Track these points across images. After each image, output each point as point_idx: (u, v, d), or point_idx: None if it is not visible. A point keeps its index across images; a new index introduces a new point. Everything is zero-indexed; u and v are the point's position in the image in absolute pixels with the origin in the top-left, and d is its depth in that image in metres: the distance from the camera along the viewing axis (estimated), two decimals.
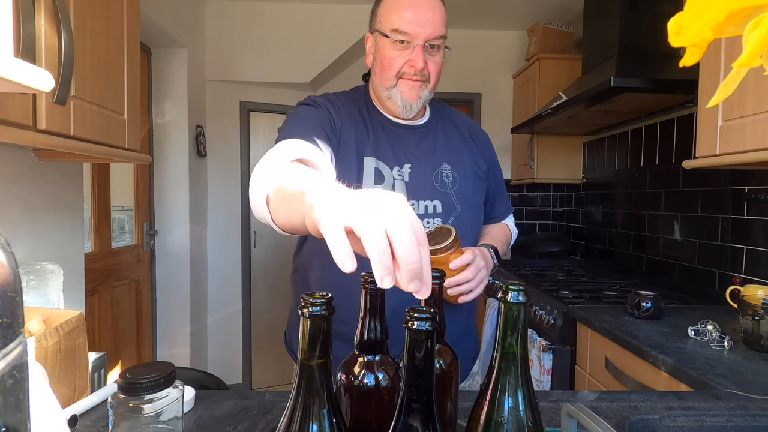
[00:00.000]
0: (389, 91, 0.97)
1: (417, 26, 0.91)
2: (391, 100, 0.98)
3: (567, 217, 3.25)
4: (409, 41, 0.93)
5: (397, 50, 0.94)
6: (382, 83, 0.98)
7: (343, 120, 0.98)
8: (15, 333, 0.22)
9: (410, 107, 0.98)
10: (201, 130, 2.92)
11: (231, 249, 3.15)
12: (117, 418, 0.43)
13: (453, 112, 1.14)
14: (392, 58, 0.95)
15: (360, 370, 0.52)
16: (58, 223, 1.38)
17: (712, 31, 0.29)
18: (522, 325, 0.41)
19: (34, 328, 0.72)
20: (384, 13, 0.96)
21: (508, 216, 1.24)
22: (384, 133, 1.01)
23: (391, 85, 0.97)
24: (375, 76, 1.00)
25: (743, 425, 0.67)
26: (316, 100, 1.00)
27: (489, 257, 0.99)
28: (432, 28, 0.92)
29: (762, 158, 1.14)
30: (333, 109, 0.98)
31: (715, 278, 1.82)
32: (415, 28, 0.92)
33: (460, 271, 0.87)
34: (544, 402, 0.79)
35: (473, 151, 1.09)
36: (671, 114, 2.09)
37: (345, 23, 2.99)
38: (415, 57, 0.93)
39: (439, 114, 1.10)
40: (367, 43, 1.02)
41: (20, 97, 0.80)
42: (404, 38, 0.93)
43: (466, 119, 1.17)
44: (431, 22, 0.92)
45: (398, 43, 0.93)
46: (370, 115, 1.03)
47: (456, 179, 1.02)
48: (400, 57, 0.94)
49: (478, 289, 0.91)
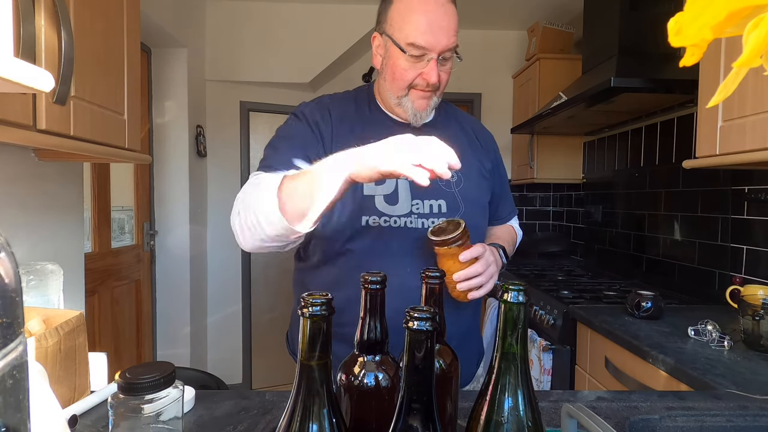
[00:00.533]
0: (399, 99, 0.97)
1: (432, 38, 0.88)
2: (401, 107, 0.98)
3: (567, 217, 3.25)
4: (423, 54, 0.90)
5: (410, 62, 0.91)
6: (393, 91, 0.96)
7: (334, 124, 0.97)
8: (15, 333, 0.22)
9: (421, 116, 0.98)
10: (201, 130, 2.92)
11: (231, 249, 3.15)
12: (117, 418, 0.43)
13: (458, 112, 1.14)
14: (405, 69, 0.92)
15: (360, 370, 0.52)
16: (58, 223, 1.38)
17: (712, 31, 0.29)
18: (522, 325, 0.41)
19: (34, 328, 0.72)
20: (396, 18, 0.92)
21: (513, 218, 1.24)
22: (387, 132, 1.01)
23: (403, 95, 0.96)
24: (385, 83, 0.98)
25: (743, 425, 0.67)
26: (305, 111, 0.99)
27: (498, 255, 0.99)
28: (447, 39, 0.89)
29: (762, 158, 1.14)
30: (321, 118, 0.97)
31: (715, 278, 1.82)
32: (430, 40, 0.88)
33: (470, 265, 0.87)
34: (544, 402, 0.79)
35: (478, 151, 1.08)
36: (671, 114, 2.09)
37: (345, 23, 2.99)
38: (429, 71, 0.91)
39: (444, 113, 1.09)
40: (373, 41, 0.99)
41: (20, 97, 0.80)
42: (419, 53, 0.90)
43: (471, 119, 1.17)
44: (446, 33, 0.89)
45: (413, 56, 0.91)
46: (372, 115, 1.02)
47: (460, 179, 1.01)
48: (413, 69, 0.92)
49: (489, 284, 0.90)
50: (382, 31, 0.96)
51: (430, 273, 0.57)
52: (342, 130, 0.97)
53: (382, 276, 0.52)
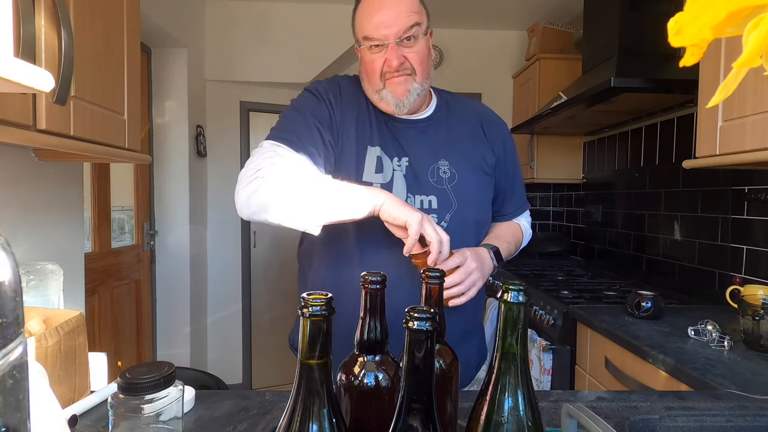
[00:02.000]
0: (379, 93, 0.99)
1: (384, 28, 0.94)
2: (383, 101, 0.99)
3: (567, 217, 3.25)
4: (381, 43, 0.95)
5: (374, 54, 0.96)
6: (372, 87, 0.99)
7: (344, 106, 1.01)
8: (15, 333, 0.22)
9: (402, 104, 0.98)
10: (201, 130, 2.92)
11: (231, 249, 3.15)
12: (117, 418, 0.43)
13: (468, 103, 1.13)
14: (371, 61, 0.97)
15: (360, 370, 0.52)
16: (58, 223, 1.38)
17: (712, 31, 0.29)
18: (522, 325, 0.41)
19: (34, 328, 0.72)
20: (357, 24, 1.00)
21: (522, 214, 1.20)
22: (386, 124, 1.03)
23: (380, 87, 0.98)
24: (364, 83, 1.02)
25: (743, 425, 0.67)
26: (319, 88, 1.02)
27: (486, 258, 0.97)
28: (399, 24, 0.94)
29: (762, 158, 1.14)
30: (333, 96, 1.01)
31: (715, 278, 1.82)
32: (382, 31, 0.94)
33: (449, 274, 0.87)
34: (544, 402, 0.79)
35: (481, 145, 1.07)
36: (671, 114, 2.09)
37: (345, 23, 2.95)
38: (389, 56, 0.95)
39: (445, 107, 1.09)
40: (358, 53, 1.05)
41: (20, 97, 0.80)
42: (376, 43, 0.95)
43: (481, 110, 1.15)
44: (396, 20, 0.94)
45: (373, 47, 0.96)
46: (376, 111, 1.04)
47: (454, 175, 1.01)
48: (378, 59, 0.96)
49: (470, 291, 0.90)
50: (355, 40, 1.02)
51: (429, 273, 0.57)
52: (349, 114, 1.00)
53: (382, 276, 0.52)
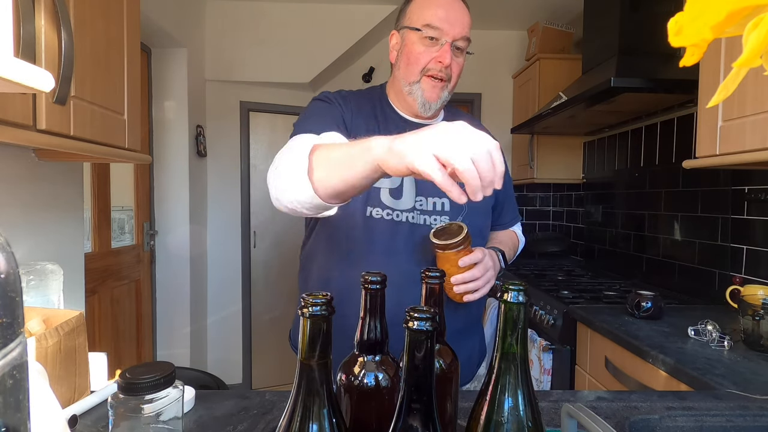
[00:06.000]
0: (411, 86, 0.99)
1: (448, 24, 0.94)
2: (412, 96, 1.00)
3: (567, 217, 3.24)
4: (438, 38, 0.95)
5: (425, 46, 0.96)
6: (406, 78, 0.99)
7: (354, 114, 1.01)
8: (15, 333, 0.22)
9: (429, 106, 1.00)
10: (201, 130, 2.92)
11: (231, 249, 3.15)
12: (117, 418, 0.43)
13: (464, 117, 1.15)
14: (420, 53, 0.97)
15: (360, 370, 0.52)
16: (58, 223, 1.38)
17: (712, 31, 0.29)
18: (522, 325, 0.41)
19: (34, 328, 0.72)
20: (416, 10, 0.98)
21: (516, 224, 1.25)
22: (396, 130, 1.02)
23: (415, 80, 0.98)
24: (399, 71, 1.02)
25: (743, 425, 0.67)
26: (329, 96, 1.02)
27: (496, 259, 1.00)
28: (461, 27, 0.95)
29: (762, 158, 1.14)
30: (344, 104, 1.01)
31: (715, 278, 1.82)
32: (445, 25, 0.94)
33: (468, 269, 0.88)
34: (544, 402, 0.79)
35: None
36: (671, 114, 2.09)
37: (345, 23, 2.99)
38: (443, 53, 0.95)
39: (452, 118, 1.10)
40: (391, 40, 1.04)
41: (20, 97, 0.80)
42: (434, 34, 0.95)
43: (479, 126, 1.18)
44: (461, 23, 0.95)
45: (428, 39, 0.96)
46: (384, 113, 1.04)
47: None
48: (427, 53, 0.96)
49: (485, 288, 0.92)
50: (400, 27, 1.02)
51: (429, 273, 0.57)
52: (357, 122, 1.00)
53: (382, 276, 0.52)
